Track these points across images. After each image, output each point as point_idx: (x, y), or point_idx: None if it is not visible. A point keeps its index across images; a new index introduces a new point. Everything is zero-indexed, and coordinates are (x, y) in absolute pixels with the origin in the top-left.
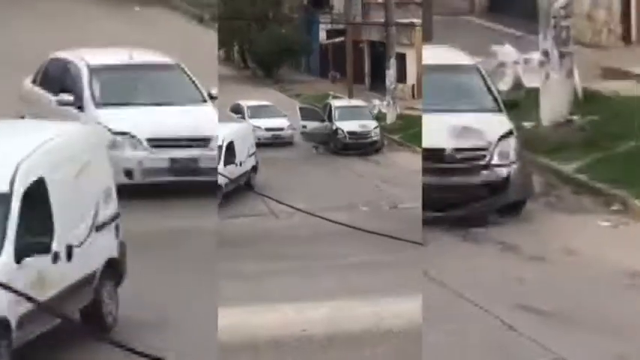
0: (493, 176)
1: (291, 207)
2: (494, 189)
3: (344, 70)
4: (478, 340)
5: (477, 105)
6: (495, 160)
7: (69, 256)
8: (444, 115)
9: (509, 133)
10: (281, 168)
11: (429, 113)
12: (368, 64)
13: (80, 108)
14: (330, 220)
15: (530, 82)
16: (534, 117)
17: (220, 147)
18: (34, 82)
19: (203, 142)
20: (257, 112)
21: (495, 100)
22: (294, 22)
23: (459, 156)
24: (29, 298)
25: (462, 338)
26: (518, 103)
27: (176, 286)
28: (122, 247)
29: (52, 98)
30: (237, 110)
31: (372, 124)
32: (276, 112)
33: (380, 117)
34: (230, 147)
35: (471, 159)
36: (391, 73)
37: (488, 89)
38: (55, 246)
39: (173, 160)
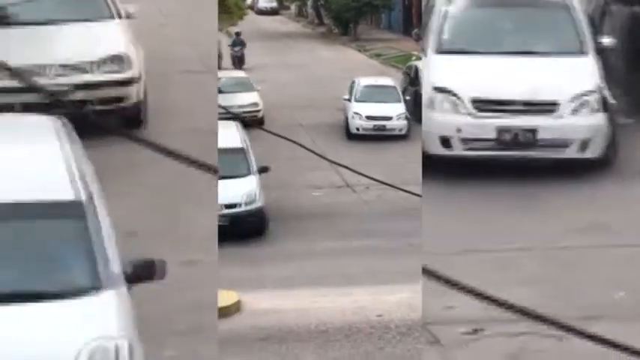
0: None
1: (372, 179)
2: None
3: None
4: None
5: None
6: None
7: None
8: None
9: None
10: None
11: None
12: None
13: None
14: (404, 190)
15: None
16: None
17: None
18: None
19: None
20: (368, 94)
21: None
22: None
23: None
24: None
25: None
26: None
27: None
28: None
29: None
30: (350, 90)
31: None
32: (389, 95)
33: None
34: None
35: None
36: None
37: None
38: None
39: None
